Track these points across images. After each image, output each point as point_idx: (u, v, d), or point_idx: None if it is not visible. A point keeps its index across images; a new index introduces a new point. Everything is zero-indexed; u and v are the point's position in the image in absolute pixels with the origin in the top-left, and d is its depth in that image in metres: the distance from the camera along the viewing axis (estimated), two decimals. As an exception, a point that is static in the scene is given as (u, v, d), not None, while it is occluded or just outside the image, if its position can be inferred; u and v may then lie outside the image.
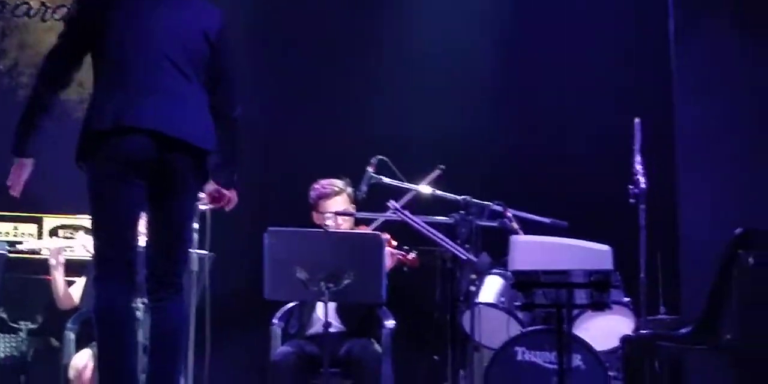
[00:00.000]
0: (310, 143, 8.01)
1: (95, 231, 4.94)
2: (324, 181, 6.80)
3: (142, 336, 5.71)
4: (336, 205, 6.71)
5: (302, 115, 8.12)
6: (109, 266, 4.86)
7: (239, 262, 7.20)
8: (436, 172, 6.54)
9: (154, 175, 4.87)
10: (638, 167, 6.44)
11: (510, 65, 8.26)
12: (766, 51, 7.65)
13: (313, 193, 6.80)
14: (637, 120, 6.56)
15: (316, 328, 6.59)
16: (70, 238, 7.25)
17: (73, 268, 7.05)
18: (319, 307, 6.41)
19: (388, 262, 6.28)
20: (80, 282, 7.06)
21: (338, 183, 6.76)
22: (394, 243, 6.56)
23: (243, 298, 7.19)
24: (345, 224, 6.72)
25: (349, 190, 6.70)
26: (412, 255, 6.56)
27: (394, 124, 7.97)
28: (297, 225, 6.24)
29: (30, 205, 6.89)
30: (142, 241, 5.11)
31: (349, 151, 7.44)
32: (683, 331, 6.14)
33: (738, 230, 6.16)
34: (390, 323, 6.72)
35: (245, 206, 7.43)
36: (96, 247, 4.94)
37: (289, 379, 6.45)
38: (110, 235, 4.88)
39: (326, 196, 6.75)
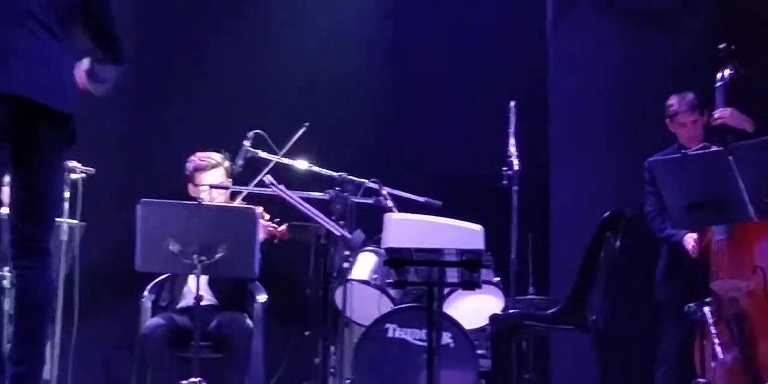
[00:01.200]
0: (188, 115, 7.90)
1: None
2: (201, 154, 6.75)
3: (8, 305, 5.61)
4: (212, 178, 6.65)
5: (181, 87, 8.00)
6: None
7: (111, 233, 7.09)
8: (302, 130, 6.52)
9: (16, 137, 4.70)
10: (512, 149, 6.47)
11: (387, 45, 8.25)
12: (639, 37, 7.76)
13: (189, 165, 6.74)
14: (512, 103, 6.61)
15: (187, 301, 6.51)
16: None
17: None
18: (191, 280, 6.36)
19: (261, 235, 6.28)
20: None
21: (216, 156, 6.70)
22: (267, 216, 6.53)
23: (114, 269, 7.06)
24: (220, 198, 6.68)
25: (227, 164, 6.65)
26: (282, 227, 6.55)
27: (272, 99, 7.90)
28: (171, 197, 6.19)
29: None
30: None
31: (227, 124, 7.39)
32: (550, 311, 6.28)
33: (606, 213, 6.27)
34: (262, 298, 6.71)
35: (118, 176, 7.39)
36: None
37: (158, 352, 6.39)
38: None
39: (203, 168, 6.69)
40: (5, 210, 5.00)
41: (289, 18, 8.18)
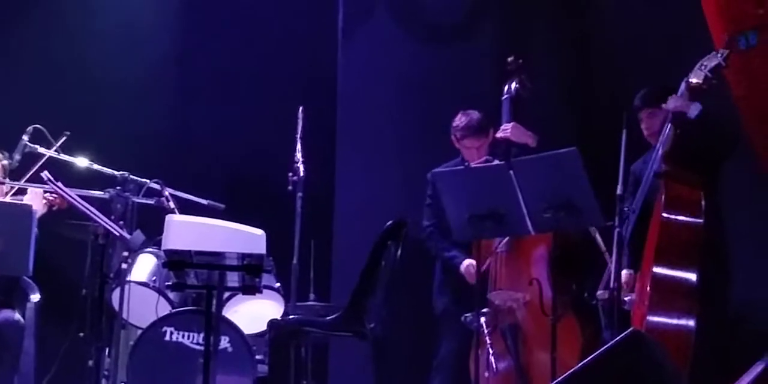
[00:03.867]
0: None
1: None
2: None
3: None
4: None
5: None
6: None
7: None
8: (63, 138, 6.39)
9: None
10: (298, 155, 6.52)
11: (177, 43, 8.22)
12: (429, 48, 7.86)
13: None
14: (300, 108, 6.65)
15: None
16: None
17: None
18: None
19: (40, 208, 6.25)
20: None
21: None
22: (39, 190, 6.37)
23: None
24: (-7, 193, 6.58)
25: (5, 162, 6.48)
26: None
27: (56, 94, 7.75)
28: None
29: None
30: None
31: (6, 119, 7.17)
32: (330, 317, 6.35)
33: (389, 222, 6.33)
34: (35, 297, 6.57)
35: None
36: None
37: None
38: None
39: None
40: None
41: (77, 12, 8.04)
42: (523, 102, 6.62)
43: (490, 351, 6.14)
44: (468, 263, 6.47)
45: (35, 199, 6.32)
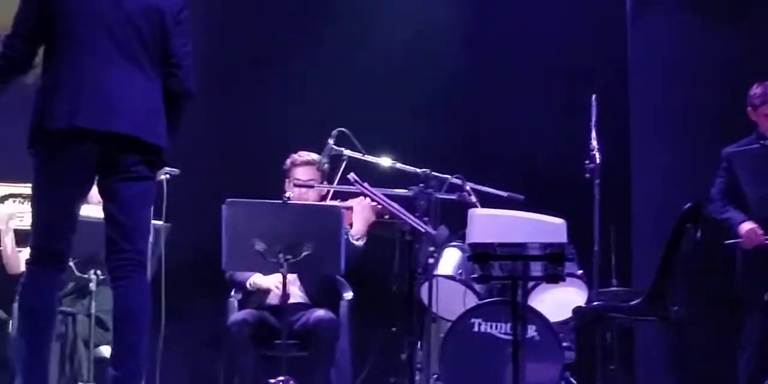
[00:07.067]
0: (273, 114, 8.21)
1: (33, 218, 5.13)
2: (302, 152, 7.05)
3: (95, 308, 6.10)
4: (303, 174, 6.97)
5: (265, 86, 8.30)
6: (38, 253, 5.07)
7: (196, 233, 7.36)
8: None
9: (104, 166, 5.04)
10: (594, 143, 6.72)
11: (470, 42, 8.52)
12: (718, 29, 7.99)
13: (288, 161, 7.08)
14: (594, 96, 6.86)
15: (275, 298, 6.75)
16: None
17: (21, 238, 6.88)
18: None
19: (369, 215, 6.68)
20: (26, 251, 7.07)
21: (314, 155, 6.90)
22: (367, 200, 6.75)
23: (200, 270, 7.39)
24: (310, 195, 6.96)
25: (326, 167, 6.68)
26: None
27: (357, 96, 8.19)
28: (256, 197, 6.42)
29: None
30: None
31: (312, 123, 7.61)
32: (633, 302, 6.42)
33: (687, 205, 6.50)
34: (348, 295, 7.00)
35: (203, 176, 7.63)
36: (32, 232, 5.14)
37: (243, 347, 6.66)
38: (43, 227, 5.08)
39: (297, 164, 7.02)
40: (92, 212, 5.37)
41: (373, 15, 8.44)
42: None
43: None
44: (750, 227, 6.63)
45: (367, 210, 6.75)
